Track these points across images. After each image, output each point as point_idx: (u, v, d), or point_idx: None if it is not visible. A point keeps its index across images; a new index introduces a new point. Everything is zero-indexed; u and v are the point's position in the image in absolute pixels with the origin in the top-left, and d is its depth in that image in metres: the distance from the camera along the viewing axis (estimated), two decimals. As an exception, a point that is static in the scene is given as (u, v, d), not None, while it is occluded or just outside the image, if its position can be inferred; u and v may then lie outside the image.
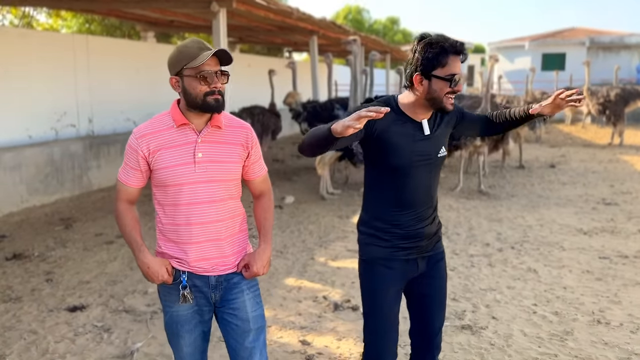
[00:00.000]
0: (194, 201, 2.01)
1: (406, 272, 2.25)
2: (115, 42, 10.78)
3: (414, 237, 2.21)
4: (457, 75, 2.07)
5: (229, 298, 2.11)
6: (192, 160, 1.99)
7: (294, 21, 8.88)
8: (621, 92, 13.64)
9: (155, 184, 2.05)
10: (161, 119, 2.04)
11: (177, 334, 2.13)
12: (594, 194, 8.09)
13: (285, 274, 4.87)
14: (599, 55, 28.95)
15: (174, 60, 1.97)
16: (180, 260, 2.09)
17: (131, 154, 2.03)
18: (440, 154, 2.23)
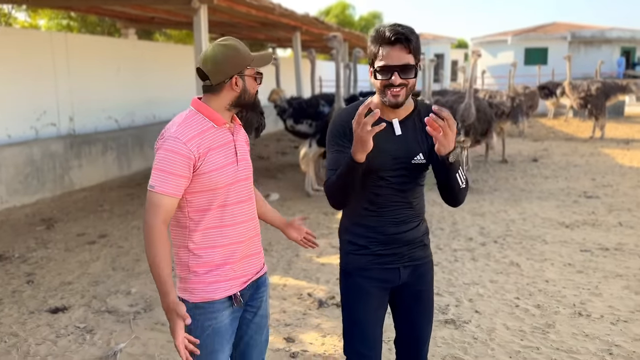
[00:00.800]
0: (240, 200, 2.02)
1: (387, 282, 2.13)
2: (95, 40, 10.64)
3: (394, 243, 2.09)
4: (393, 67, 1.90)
5: (255, 297, 2.13)
6: (234, 159, 2.00)
7: (277, 17, 8.84)
8: (602, 86, 13.80)
9: (200, 190, 1.93)
10: (196, 120, 1.94)
11: (218, 350, 2.00)
12: (575, 187, 8.19)
13: (270, 272, 4.86)
14: (580, 49, 29.28)
15: (236, 60, 1.93)
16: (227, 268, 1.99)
17: (180, 161, 1.86)
18: (416, 160, 2.03)
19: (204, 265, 1.97)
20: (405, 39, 1.89)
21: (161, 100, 10.90)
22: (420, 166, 2.05)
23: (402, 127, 2.03)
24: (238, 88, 1.96)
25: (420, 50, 1.96)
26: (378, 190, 2.05)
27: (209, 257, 1.97)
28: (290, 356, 3.38)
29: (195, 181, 1.91)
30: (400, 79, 1.90)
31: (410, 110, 2.06)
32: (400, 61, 1.90)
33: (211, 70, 1.91)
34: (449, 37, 33.82)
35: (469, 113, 7.88)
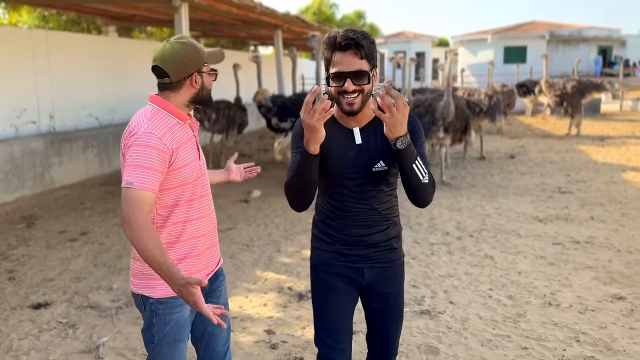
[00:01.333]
0: (204, 194, 2.09)
1: (352, 279, 2.14)
2: (75, 37, 10.58)
3: (357, 245, 2.09)
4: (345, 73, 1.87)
5: (213, 287, 2.19)
6: (197, 155, 2.06)
7: (258, 15, 8.89)
8: (577, 84, 14.09)
9: (171, 186, 1.95)
10: (162, 117, 1.95)
11: (179, 340, 2.06)
12: (550, 183, 8.40)
13: (251, 267, 4.94)
14: (558, 48, 29.77)
15: (195, 58, 1.96)
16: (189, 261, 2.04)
17: (157, 156, 1.86)
18: (377, 168, 2.00)
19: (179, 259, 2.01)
20: (356, 45, 1.86)
21: (142, 97, 10.83)
22: (382, 173, 2.02)
23: (364, 135, 2.01)
24: (197, 85, 2.00)
25: (374, 56, 1.92)
26: (340, 197, 2.05)
27: (172, 251, 1.98)
28: (270, 347, 3.47)
29: (167, 177, 1.91)
30: (353, 85, 1.87)
31: (373, 116, 2.01)
32: (352, 67, 1.87)
33: (171, 67, 1.93)
34: (430, 36, 34.08)
35: (448, 111, 8.02)
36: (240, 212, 6.88)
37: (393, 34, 34.81)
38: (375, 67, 1.93)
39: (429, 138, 8.39)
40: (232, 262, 5.06)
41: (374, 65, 1.93)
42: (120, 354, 3.40)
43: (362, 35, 1.88)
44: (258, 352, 3.40)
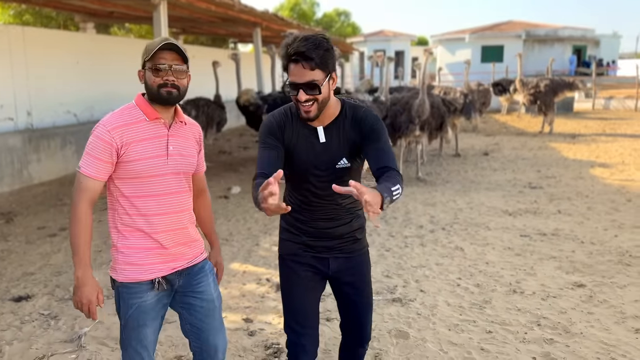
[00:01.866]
0: (166, 192, 2.11)
1: (318, 269, 2.25)
2: (53, 34, 10.54)
3: (322, 237, 2.21)
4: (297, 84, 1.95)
5: (193, 282, 2.23)
6: (165, 153, 2.10)
7: (236, 13, 8.99)
8: (550, 83, 14.47)
9: (124, 176, 2.07)
10: (130, 112, 2.08)
11: (143, 325, 2.14)
12: (521, 179, 8.67)
13: (230, 260, 5.07)
14: (534, 47, 30.34)
15: (142, 55, 2.08)
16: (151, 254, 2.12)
17: (102, 146, 2.01)
18: (340, 164, 2.10)
19: (131, 248, 2.12)
20: (304, 58, 1.90)
21: (121, 94, 10.84)
22: (345, 170, 2.11)
23: (327, 134, 2.10)
24: (143, 81, 2.10)
25: (330, 63, 1.96)
26: (306, 193, 2.16)
27: (136, 240, 2.11)
28: (248, 334, 3.61)
29: (120, 168, 2.05)
30: (305, 95, 1.95)
31: (336, 116, 2.11)
32: (302, 79, 1.93)
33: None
34: (409, 35, 34.42)
35: (423, 109, 8.21)
36: (220, 208, 6.99)
37: (373, 32, 35.07)
38: (332, 72, 1.99)
39: (405, 135, 8.57)
40: (211, 255, 5.18)
41: (330, 71, 1.97)
42: (102, 343, 3.50)
43: (315, 44, 1.91)
44: (236, 338, 3.54)
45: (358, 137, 2.08)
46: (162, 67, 2.03)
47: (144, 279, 2.12)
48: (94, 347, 3.46)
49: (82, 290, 2.06)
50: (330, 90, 2.03)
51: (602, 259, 4.93)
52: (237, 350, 3.40)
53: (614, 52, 32.59)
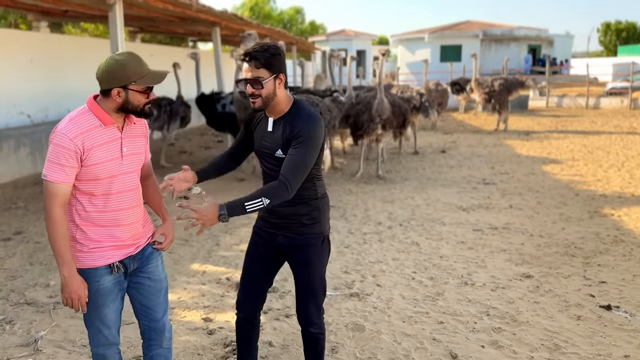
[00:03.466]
0: (123, 189, 2.31)
1: (267, 241, 2.62)
2: (4, 33, 10.25)
3: (272, 213, 2.58)
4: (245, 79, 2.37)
5: (144, 265, 2.45)
6: (119, 155, 2.28)
7: (194, 13, 8.95)
8: (504, 82, 14.93)
9: (85, 178, 2.23)
10: (85, 119, 2.22)
11: (102, 305, 2.35)
12: (476, 176, 8.96)
13: (190, 261, 5.09)
14: (491, 46, 31.14)
15: (119, 75, 2.18)
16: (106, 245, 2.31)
17: (67, 154, 2.16)
18: (278, 154, 2.45)
19: (88, 240, 2.30)
20: (251, 58, 2.33)
21: (76, 94, 10.66)
22: (281, 160, 2.43)
23: (274, 126, 2.48)
24: (120, 99, 2.23)
25: (276, 65, 2.35)
26: (263, 175, 2.58)
27: (91, 233, 2.30)
28: (207, 333, 3.65)
29: (81, 171, 2.22)
30: (251, 89, 2.36)
31: (284, 113, 2.47)
32: (249, 75, 2.35)
33: (100, 78, 2.21)
34: (370, 34, 34.79)
35: (383, 108, 8.34)
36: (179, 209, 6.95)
37: (334, 31, 35.30)
38: (279, 73, 2.37)
39: (367, 134, 8.67)
40: (171, 256, 5.19)
41: (277, 72, 2.36)
42: (59, 346, 3.49)
43: (263, 49, 2.33)
44: (196, 338, 3.58)
45: (290, 135, 2.39)
46: (150, 88, 2.28)
47: (101, 264, 2.31)
48: (50, 350, 3.44)
49: (71, 287, 2.25)
50: (277, 88, 2.38)
51: (549, 251, 5.18)
52: (195, 349, 3.44)
53: (567, 51, 33.76)
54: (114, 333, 2.43)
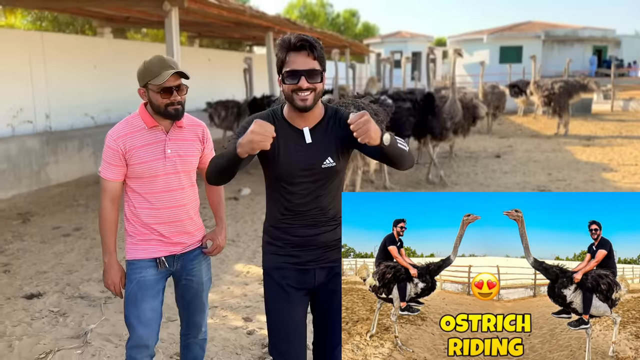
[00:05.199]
0: (167, 189, 2.42)
1: (303, 283, 2.19)
2: (71, 38, 10.84)
3: (308, 245, 2.16)
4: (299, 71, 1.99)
5: (188, 266, 2.55)
6: (162, 156, 2.39)
7: (248, 18, 9.14)
8: (565, 85, 14.37)
9: (131, 176, 2.42)
10: (132, 122, 2.41)
11: (141, 300, 2.44)
12: (531, 182, 8.67)
13: (235, 261, 5.20)
14: (554, 48, 30.07)
15: (141, 75, 2.35)
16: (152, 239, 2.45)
17: (112, 153, 2.37)
18: (325, 164, 2.10)
19: (136, 232, 2.47)
20: (309, 46, 2.00)
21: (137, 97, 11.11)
22: (331, 170, 2.12)
23: (313, 134, 2.11)
24: (145, 98, 2.39)
25: (324, 60, 2.06)
26: (290, 197, 2.14)
27: (140, 226, 2.46)
28: (247, 334, 3.72)
29: (128, 170, 2.40)
30: (307, 83, 2.00)
31: (321, 118, 2.15)
32: (306, 66, 2.00)
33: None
34: (426, 36, 34.35)
35: (455, 109, 8.01)
36: (228, 209, 7.13)
37: (389, 33, 35.11)
38: (324, 71, 2.07)
39: (438, 139, 8.25)
40: (218, 256, 5.30)
41: (324, 69, 2.06)
42: (107, 339, 3.65)
43: (315, 39, 2.04)
44: (235, 337, 3.66)
45: (347, 133, 2.05)
46: (169, 89, 2.31)
47: (146, 257, 2.45)
48: (98, 343, 3.60)
49: (109, 273, 2.47)
50: (323, 86, 2.09)
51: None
52: (234, 348, 3.52)
53: (635, 53, 32.09)
54: (149, 333, 2.46)
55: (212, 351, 3.46)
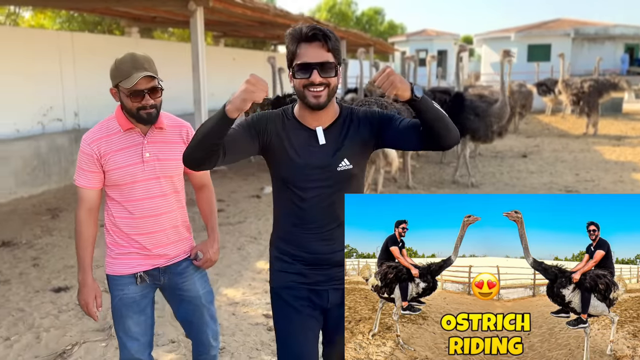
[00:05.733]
0: (146, 196, 2.22)
1: (315, 303, 1.98)
2: (99, 38, 11.05)
3: (322, 264, 1.94)
4: (312, 64, 1.79)
5: (179, 281, 2.33)
6: (140, 160, 2.19)
7: (272, 17, 9.20)
8: (594, 84, 14.06)
9: (109, 184, 2.22)
10: (108, 125, 2.21)
11: (125, 316, 2.26)
12: (558, 182, 8.51)
13: (257, 258, 5.24)
14: (584, 46, 29.44)
15: (112, 75, 2.15)
16: (132, 252, 2.25)
17: (86, 159, 2.17)
18: (341, 167, 1.90)
19: (115, 245, 2.28)
20: (323, 36, 1.79)
21: (164, 96, 11.30)
22: (347, 173, 1.91)
23: (327, 135, 1.91)
24: (117, 98, 2.19)
25: (340, 52, 1.86)
26: (302, 204, 1.91)
27: (119, 238, 2.27)
28: (267, 329, 3.75)
29: (105, 176, 2.21)
30: (320, 77, 1.79)
31: (335, 117, 1.95)
32: (319, 59, 1.79)
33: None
34: (452, 34, 34.02)
35: (505, 112, 7.75)
36: (251, 207, 7.18)
37: (415, 31, 34.86)
38: (339, 65, 1.86)
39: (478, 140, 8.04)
40: (240, 253, 5.37)
41: (339, 62, 1.86)
42: (130, 333, 3.72)
43: (328, 29, 1.84)
44: (255, 333, 3.69)
45: (367, 132, 1.92)
46: (139, 92, 2.10)
47: (126, 272, 2.27)
48: (122, 336, 3.67)
49: (81, 292, 2.28)
50: (338, 81, 1.88)
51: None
52: (255, 344, 3.55)
53: (669, 51, 31.23)
54: (138, 347, 2.31)
55: (233, 346, 3.50)
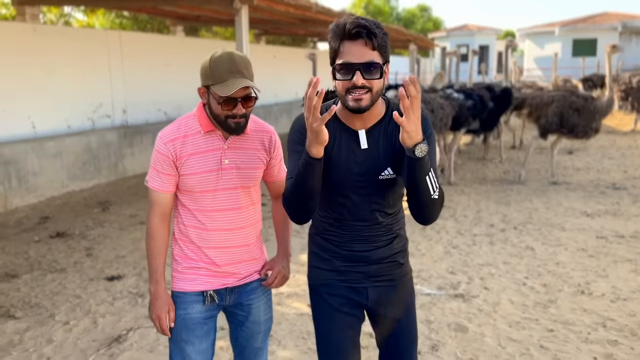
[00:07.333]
0: (220, 208, 2.00)
1: (354, 301, 1.91)
2: (146, 37, 11.36)
3: (357, 261, 1.87)
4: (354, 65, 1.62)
5: (244, 302, 2.12)
6: (217, 167, 1.96)
7: (314, 14, 9.27)
8: (645, 79, 13.56)
9: (181, 188, 2.00)
10: (187, 123, 1.98)
11: (186, 341, 2.02)
12: (605, 179, 8.28)
13: (300, 251, 5.33)
14: (632, 40, 28.39)
15: (204, 74, 1.90)
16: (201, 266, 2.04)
17: (161, 159, 1.95)
18: (383, 175, 1.76)
19: (183, 257, 2.05)
20: (367, 33, 1.61)
21: (206, 93, 11.55)
22: (389, 182, 1.78)
23: (370, 138, 1.77)
24: (204, 99, 1.95)
25: (388, 49, 1.68)
26: (342, 209, 1.83)
27: (188, 251, 2.03)
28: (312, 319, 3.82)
29: (180, 180, 1.98)
30: (362, 79, 1.62)
31: (381, 117, 1.79)
32: (362, 58, 1.62)
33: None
34: (494, 29, 33.39)
35: (611, 108, 7.51)
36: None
37: (456, 27, 34.37)
38: (387, 63, 1.69)
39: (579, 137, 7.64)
40: (283, 246, 5.46)
41: (387, 60, 1.68)
42: (181, 320, 3.86)
43: (375, 24, 1.65)
44: (301, 322, 3.78)
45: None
46: (232, 101, 1.86)
47: (191, 289, 2.04)
48: (174, 323, 3.82)
49: (154, 305, 2.03)
50: (385, 83, 1.70)
51: (685, 264, 4.69)
52: (301, 333, 3.63)
53: None
54: None
55: (280, 334, 3.59)
